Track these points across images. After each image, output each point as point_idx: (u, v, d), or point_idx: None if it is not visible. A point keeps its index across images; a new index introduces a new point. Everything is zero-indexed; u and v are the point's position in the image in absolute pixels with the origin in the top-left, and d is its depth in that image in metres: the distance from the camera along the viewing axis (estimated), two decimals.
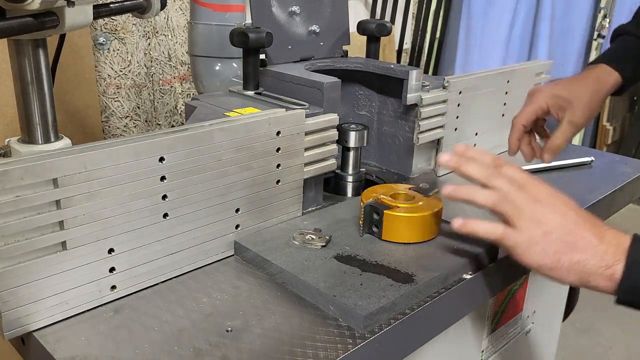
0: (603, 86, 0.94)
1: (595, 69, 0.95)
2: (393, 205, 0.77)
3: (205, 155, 0.69)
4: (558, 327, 1.28)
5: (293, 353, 0.58)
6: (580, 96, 0.91)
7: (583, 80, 0.94)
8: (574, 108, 0.91)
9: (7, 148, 0.83)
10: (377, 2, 2.20)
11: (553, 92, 0.93)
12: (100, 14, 0.85)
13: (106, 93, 1.47)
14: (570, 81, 0.95)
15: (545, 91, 0.94)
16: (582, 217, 0.64)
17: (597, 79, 0.94)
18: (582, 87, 0.92)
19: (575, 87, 0.93)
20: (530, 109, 0.93)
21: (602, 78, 0.94)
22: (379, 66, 1.03)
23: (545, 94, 0.93)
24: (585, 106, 0.91)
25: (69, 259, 0.60)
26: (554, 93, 0.92)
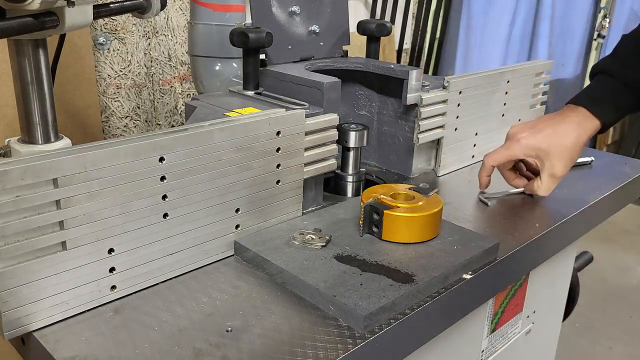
0: (584, 133, 0.91)
1: (576, 113, 0.93)
2: (393, 205, 0.77)
3: (205, 155, 0.69)
4: (558, 327, 1.28)
5: (293, 353, 0.58)
6: (560, 145, 0.90)
7: (564, 126, 0.91)
8: (553, 160, 0.90)
9: (7, 148, 0.83)
10: (377, 2, 2.20)
11: (530, 144, 0.91)
12: (100, 14, 0.85)
13: (106, 93, 1.47)
14: (551, 128, 0.92)
15: (522, 142, 0.91)
16: None
17: (578, 125, 0.91)
18: (562, 137, 0.90)
19: (555, 137, 0.90)
20: (505, 154, 0.93)
21: (583, 124, 0.92)
22: (379, 66, 1.03)
23: (522, 145, 0.91)
24: (566, 156, 0.90)
25: (69, 259, 0.60)
26: (531, 145, 0.91)
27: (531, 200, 0.99)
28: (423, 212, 0.76)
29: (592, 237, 2.67)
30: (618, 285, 2.63)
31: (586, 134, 0.92)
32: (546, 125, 0.92)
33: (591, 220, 1.01)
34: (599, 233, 2.94)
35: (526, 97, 1.23)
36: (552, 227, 0.88)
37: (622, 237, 3.08)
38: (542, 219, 0.90)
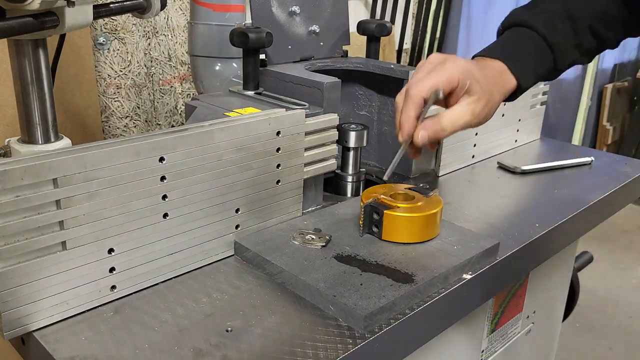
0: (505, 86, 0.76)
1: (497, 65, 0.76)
2: (393, 205, 0.77)
3: (205, 155, 0.69)
4: (558, 327, 1.28)
5: (293, 353, 0.58)
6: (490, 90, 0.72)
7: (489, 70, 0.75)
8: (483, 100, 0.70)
9: (7, 148, 0.83)
10: (377, 2, 2.20)
11: (469, 69, 0.70)
12: (100, 14, 0.85)
13: (106, 93, 1.47)
14: (479, 65, 0.74)
15: (461, 62, 0.70)
16: None
17: (501, 75, 0.75)
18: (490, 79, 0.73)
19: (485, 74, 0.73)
20: (442, 78, 0.68)
21: (504, 76, 0.76)
22: (379, 66, 1.03)
23: (461, 65, 0.70)
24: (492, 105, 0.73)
25: (69, 259, 0.60)
26: (469, 69, 0.70)
27: (531, 200, 0.99)
28: (423, 212, 0.76)
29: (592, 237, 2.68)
30: (618, 286, 2.63)
31: (505, 88, 0.76)
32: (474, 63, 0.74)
33: (591, 220, 1.01)
34: (599, 233, 2.94)
35: (526, 97, 1.23)
36: (552, 227, 0.88)
37: (622, 237, 3.08)
38: (542, 219, 0.90)
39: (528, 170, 1.10)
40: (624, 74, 3.81)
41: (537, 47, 0.78)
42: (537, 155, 1.23)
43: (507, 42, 0.80)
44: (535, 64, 0.79)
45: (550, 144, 1.31)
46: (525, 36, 0.79)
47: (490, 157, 1.18)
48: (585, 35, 0.81)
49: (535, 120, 1.30)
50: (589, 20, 0.80)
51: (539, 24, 0.78)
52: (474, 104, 0.69)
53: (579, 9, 0.80)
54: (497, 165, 1.14)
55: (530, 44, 0.78)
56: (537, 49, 0.78)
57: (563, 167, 1.14)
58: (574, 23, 0.80)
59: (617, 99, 3.70)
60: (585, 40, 0.81)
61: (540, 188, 1.05)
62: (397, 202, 0.78)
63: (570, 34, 0.80)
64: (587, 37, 0.81)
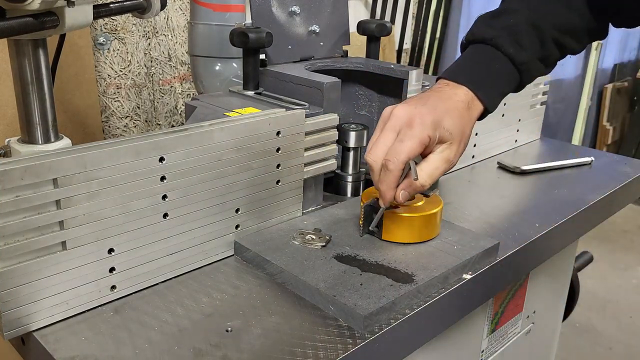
0: (473, 117, 0.75)
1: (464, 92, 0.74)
2: (393, 205, 0.77)
3: (205, 155, 0.69)
4: (558, 327, 1.28)
5: (293, 353, 0.58)
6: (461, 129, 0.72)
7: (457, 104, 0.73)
8: (454, 144, 0.71)
9: (7, 148, 0.83)
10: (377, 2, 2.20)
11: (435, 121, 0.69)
12: (100, 14, 0.85)
13: (106, 93, 1.47)
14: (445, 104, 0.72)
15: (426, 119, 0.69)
16: None
17: (468, 107, 0.74)
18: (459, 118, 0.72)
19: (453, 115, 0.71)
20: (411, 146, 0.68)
21: (472, 105, 0.74)
22: (379, 66, 1.03)
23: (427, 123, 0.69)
24: (464, 142, 0.73)
25: (69, 259, 0.60)
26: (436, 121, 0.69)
27: (531, 200, 0.99)
28: (423, 212, 0.76)
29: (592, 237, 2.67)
30: (618, 286, 2.63)
31: (474, 117, 0.75)
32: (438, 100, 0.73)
33: (591, 220, 1.01)
34: (599, 233, 2.94)
35: (526, 97, 1.23)
36: (552, 227, 0.88)
37: (622, 237, 3.08)
38: (542, 219, 0.90)
39: (528, 170, 1.10)
40: (624, 74, 3.81)
41: (503, 67, 0.77)
42: (537, 155, 1.23)
43: (473, 63, 0.78)
44: (501, 84, 0.78)
45: (550, 144, 1.31)
46: (491, 56, 0.77)
47: (490, 157, 1.18)
48: (550, 47, 0.79)
49: (535, 120, 1.30)
50: (554, 33, 0.79)
51: (505, 42, 0.76)
52: (447, 151, 0.71)
53: (544, 20, 0.78)
54: (497, 165, 1.14)
55: (496, 65, 0.77)
56: (503, 70, 0.77)
57: (563, 167, 1.14)
58: (540, 35, 0.78)
59: (617, 99, 3.70)
60: (551, 53, 0.80)
61: (540, 188, 1.05)
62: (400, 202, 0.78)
63: (537, 48, 0.78)
64: (552, 49, 0.80)
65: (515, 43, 0.76)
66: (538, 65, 0.79)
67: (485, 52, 0.77)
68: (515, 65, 0.77)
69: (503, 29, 0.77)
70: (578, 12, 0.80)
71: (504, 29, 0.77)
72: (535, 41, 0.78)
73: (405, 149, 0.68)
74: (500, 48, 0.76)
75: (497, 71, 0.77)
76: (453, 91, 0.74)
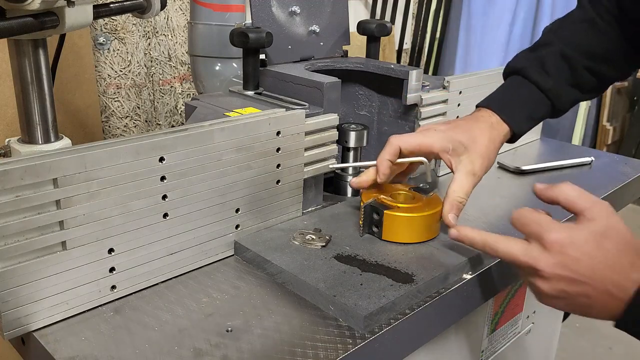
0: (498, 136, 0.80)
1: (488, 115, 0.82)
2: (393, 205, 0.77)
3: (205, 155, 0.69)
4: (558, 327, 1.28)
5: (293, 353, 0.58)
6: (479, 142, 0.77)
7: (479, 124, 0.80)
8: (472, 155, 0.77)
9: (7, 148, 0.83)
10: (377, 2, 2.20)
11: (450, 135, 0.77)
12: (100, 14, 0.85)
13: (106, 93, 1.47)
14: (466, 125, 0.79)
15: (440, 131, 0.77)
16: (615, 280, 0.58)
17: (492, 126, 0.80)
18: (480, 132, 0.78)
19: (473, 131, 0.78)
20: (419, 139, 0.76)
21: (496, 127, 0.81)
22: (379, 66, 1.03)
23: (440, 135, 0.77)
24: (484, 154, 0.77)
25: (69, 259, 0.60)
26: (450, 136, 0.76)
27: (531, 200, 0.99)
28: (423, 212, 0.76)
29: None
30: None
31: (499, 138, 0.81)
32: (460, 123, 0.81)
33: None
34: None
35: None
36: None
37: None
38: None
39: (528, 170, 1.10)
40: None
41: (531, 93, 0.84)
42: (537, 155, 1.23)
43: (502, 90, 0.86)
44: (529, 109, 0.84)
45: (550, 144, 1.31)
46: (519, 84, 0.84)
47: None
48: (583, 74, 0.85)
49: None
50: (585, 62, 0.84)
51: (532, 71, 0.83)
52: (470, 165, 0.76)
53: (575, 50, 0.84)
54: (497, 165, 1.14)
55: (523, 91, 0.84)
56: (530, 96, 0.84)
57: (563, 167, 1.14)
58: (570, 63, 0.84)
59: (617, 99, 3.70)
60: (585, 80, 0.85)
61: None
62: (397, 202, 0.78)
63: (567, 75, 0.84)
64: (586, 76, 0.85)
65: (542, 71, 0.83)
66: (571, 91, 0.85)
67: (515, 81, 0.86)
68: (542, 91, 0.83)
69: (535, 60, 0.85)
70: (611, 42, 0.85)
71: (535, 60, 0.85)
72: (564, 68, 0.84)
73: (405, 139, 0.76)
74: (528, 76, 0.84)
75: (523, 97, 0.84)
76: (479, 114, 0.82)
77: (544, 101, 0.84)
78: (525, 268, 0.62)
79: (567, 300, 0.60)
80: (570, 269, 0.58)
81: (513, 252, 0.62)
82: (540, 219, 0.62)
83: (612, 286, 0.57)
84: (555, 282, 0.59)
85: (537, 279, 0.61)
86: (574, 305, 0.60)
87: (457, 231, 0.71)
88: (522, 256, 0.61)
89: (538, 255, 0.60)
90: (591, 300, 0.58)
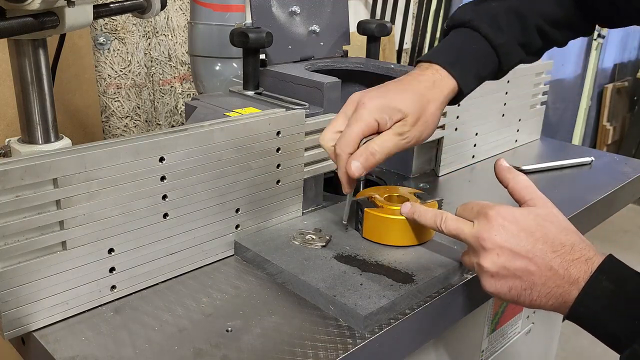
0: (441, 94, 0.73)
1: (432, 71, 0.74)
2: (380, 205, 0.76)
3: (205, 155, 0.69)
4: (558, 327, 1.28)
5: (293, 353, 0.58)
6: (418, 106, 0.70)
7: (418, 84, 0.72)
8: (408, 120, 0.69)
9: (7, 148, 0.83)
10: (377, 2, 2.20)
11: (382, 104, 0.69)
12: (100, 14, 0.85)
13: (106, 93, 1.47)
14: (403, 86, 0.72)
15: (371, 103, 0.69)
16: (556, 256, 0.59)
17: (434, 84, 0.72)
18: (418, 95, 0.71)
19: (409, 94, 0.70)
20: (357, 130, 0.68)
21: (439, 84, 0.73)
22: (379, 66, 1.03)
23: (372, 107, 0.68)
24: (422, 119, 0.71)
25: (69, 259, 0.60)
26: (383, 105, 0.69)
27: None
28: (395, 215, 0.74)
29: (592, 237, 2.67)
30: None
31: (443, 95, 0.73)
32: (397, 84, 0.73)
33: (591, 220, 1.01)
34: (599, 233, 2.94)
35: (526, 97, 1.23)
36: None
37: (622, 237, 3.08)
38: None
39: (528, 170, 1.10)
40: (624, 74, 3.81)
41: (481, 49, 0.76)
42: (537, 155, 1.23)
43: (451, 44, 0.78)
44: (478, 66, 0.76)
45: (550, 144, 1.31)
46: (468, 37, 0.77)
47: (490, 157, 1.18)
48: (532, 34, 0.79)
49: (535, 120, 1.30)
50: (538, 21, 0.79)
51: (483, 24, 0.76)
52: (400, 127, 0.69)
53: (528, 8, 0.78)
54: None
55: (473, 46, 0.76)
56: (480, 51, 0.76)
57: (563, 167, 1.14)
58: (522, 20, 0.78)
59: (617, 99, 3.70)
60: (533, 40, 0.80)
61: (540, 188, 1.04)
62: (388, 203, 0.77)
63: (517, 32, 0.78)
64: (535, 37, 0.79)
65: (494, 25, 0.76)
66: (519, 50, 0.79)
67: (463, 33, 0.77)
68: (493, 47, 0.76)
69: (482, 13, 0.77)
70: (564, 7, 0.80)
71: (484, 13, 0.77)
72: (516, 25, 0.77)
73: (352, 134, 0.68)
74: (478, 29, 0.76)
75: (473, 51, 0.76)
76: (420, 72, 0.74)
77: (493, 58, 0.77)
78: (470, 243, 0.63)
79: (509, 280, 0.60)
80: (511, 242, 0.60)
81: (460, 227, 0.64)
82: (485, 203, 0.64)
83: (554, 262, 0.59)
84: (497, 256, 0.60)
85: (480, 255, 0.61)
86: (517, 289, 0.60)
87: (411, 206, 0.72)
88: (468, 231, 0.63)
89: (481, 228, 0.61)
90: (534, 277, 0.59)
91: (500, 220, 0.61)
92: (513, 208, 0.63)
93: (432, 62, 0.74)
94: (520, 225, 0.60)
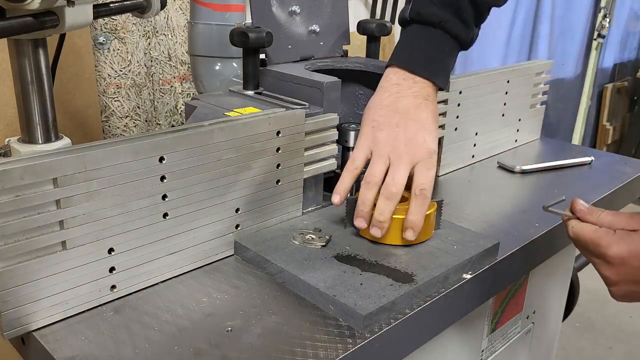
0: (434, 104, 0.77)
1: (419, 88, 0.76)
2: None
3: (205, 155, 0.69)
4: (558, 327, 1.28)
5: (293, 353, 0.58)
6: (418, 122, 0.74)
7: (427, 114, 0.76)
8: None
9: (7, 148, 0.83)
10: (377, 2, 2.20)
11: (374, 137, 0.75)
12: (100, 14, 0.85)
13: (106, 93, 1.47)
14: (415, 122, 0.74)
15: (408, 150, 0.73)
16: None
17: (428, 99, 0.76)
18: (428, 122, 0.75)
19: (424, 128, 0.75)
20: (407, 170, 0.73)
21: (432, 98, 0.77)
22: (379, 66, 1.03)
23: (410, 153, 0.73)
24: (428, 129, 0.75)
25: (69, 258, 0.60)
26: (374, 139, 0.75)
27: (531, 200, 0.99)
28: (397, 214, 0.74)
29: None
30: None
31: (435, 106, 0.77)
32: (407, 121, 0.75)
33: None
34: None
35: (526, 97, 1.23)
36: (552, 227, 0.88)
37: None
38: (542, 219, 0.90)
39: (528, 170, 1.10)
40: (624, 73, 3.81)
41: (452, 48, 0.80)
42: (537, 155, 1.23)
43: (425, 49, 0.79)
44: (451, 64, 0.81)
45: (550, 144, 1.31)
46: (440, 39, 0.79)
47: (490, 157, 1.18)
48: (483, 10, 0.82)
49: (535, 120, 1.30)
50: None
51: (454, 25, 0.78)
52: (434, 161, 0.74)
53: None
54: (497, 165, 1.14)
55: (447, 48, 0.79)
56: (451, 51, 0.80)
57: (563, 167, 1.14)
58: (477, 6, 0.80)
59: (617, 99, 3.70)
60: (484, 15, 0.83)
61: (540, 188, 1.05)
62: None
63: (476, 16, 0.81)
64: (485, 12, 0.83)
65: (461, 24, 0.79)
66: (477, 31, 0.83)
67: (434, 36, 0.79)
68: (460, 44, 0.80)
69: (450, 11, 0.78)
70: None
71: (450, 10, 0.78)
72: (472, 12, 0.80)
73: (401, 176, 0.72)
74: (450, 32, 0.78)
75: (447, 54, 0.80)
76: (411, 91, 0.77)
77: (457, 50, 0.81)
78: None
79: None
80: (635, 277, 0.63)
81: None
82: (597, 238, 0.65)
83: None
84: (624, 288, 0.64)
85: (608, 288, 0.67)
86: None
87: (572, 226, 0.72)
88: None
89: (604, 272, 0.65)
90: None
91: (619, 261, 0.64)
92: (627, 241, 0.64)
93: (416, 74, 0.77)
94: None
